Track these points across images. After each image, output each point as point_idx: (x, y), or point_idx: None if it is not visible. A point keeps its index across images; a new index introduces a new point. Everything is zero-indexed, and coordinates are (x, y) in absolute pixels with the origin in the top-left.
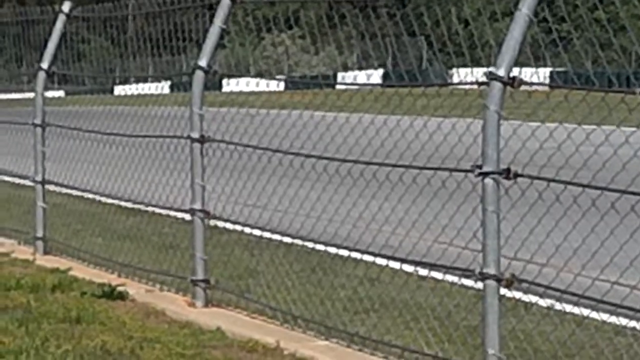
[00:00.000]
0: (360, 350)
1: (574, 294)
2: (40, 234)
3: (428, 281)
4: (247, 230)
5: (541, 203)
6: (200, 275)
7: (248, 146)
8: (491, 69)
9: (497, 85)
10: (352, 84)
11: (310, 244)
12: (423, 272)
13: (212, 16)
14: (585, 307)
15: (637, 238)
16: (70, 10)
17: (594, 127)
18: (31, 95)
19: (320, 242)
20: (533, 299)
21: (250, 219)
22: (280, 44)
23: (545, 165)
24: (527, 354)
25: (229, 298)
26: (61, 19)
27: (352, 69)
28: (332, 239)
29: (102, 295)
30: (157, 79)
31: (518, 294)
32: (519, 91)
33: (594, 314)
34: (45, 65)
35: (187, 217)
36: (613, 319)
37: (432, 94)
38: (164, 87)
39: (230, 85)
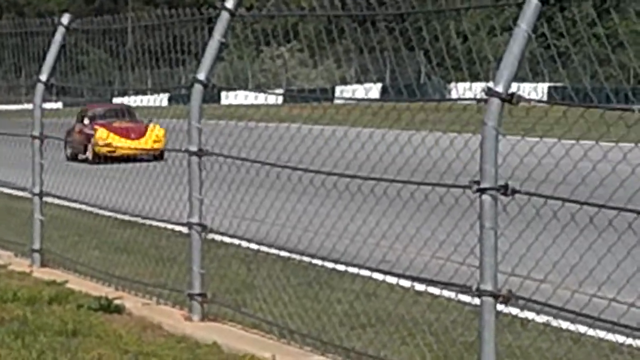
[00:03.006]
0: None
1: (571, 311)
2: (37, 246)
3: (425, 297)
4: (245, 244)
5: (539, 219)
6: (197, 289)
7: (246, 160)
8: (489, 84)
9: (496, 101)
10: (350, 98)
11: (307, 259)
12: (420, 287)
13: (210, 29)
14: (582, 324)
15: (634, 255)
16: (70, 22)
17: (592, 143)
18: (29, 106)
19: (317, 257)
20: (530, 315)
21: (247, 233)
22: (278, 57)
23: (543, 182)
24: None
25: (226, 312)
26: (60, 31)
27: (350, 82)
28: (329, 253)
29: (99, 308)
30: (155, 91)
31: (515, 310)
32: (518, 107)
33: (591, 331)
34: (43, 77)
35: (185, 230)
36: (610, 337)
37: (431, 108)
38: (162, 99)
39: (229, 97)
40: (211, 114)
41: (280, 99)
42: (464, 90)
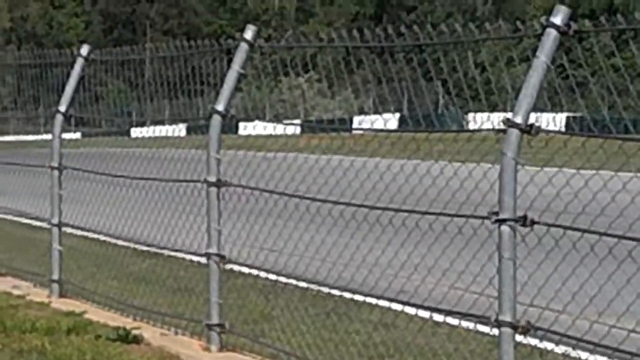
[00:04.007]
0: None
1: (590, 342)
2: (55, 276)
3: (443, 327)
4: (263, 274)
5: (558, 250)
6: (215, 320)
7: (264, 190)
8: (508, 115)
9: (515, 132)
10: (369, 129)
11: (325, 289)
12: (438, 318)
13: (229, 60)
14: (602, 354)
15: None
16: (89, 53)
17: (611, 174)
18: (48, 137)
19: (335, 287)
20: (549, 346)
21: (266, 264)
22: (297, 87)
23: (562, 212)
24: None
25: (244, 342)
26: (79, 62)
27: (368, 113)
28: (348, 284)
29: (117, 338)
30: (173, 122)
31: (534, 341)
32: (536, 137)
33: None
34: (62, 108)
35: (203, 260)
36: None
37: (449, 139)
38: (181, 129)
39: (247, 128)
40: (229, 144)
41: (298, 130)
42: (482, 120)
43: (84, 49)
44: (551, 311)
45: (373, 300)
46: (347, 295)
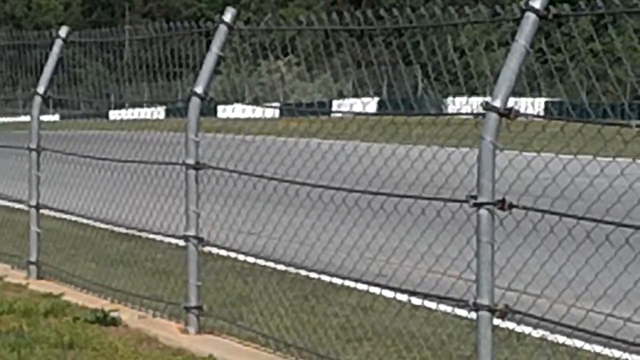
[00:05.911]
0: None
1: (567, 326)
2: (33, 258)
3: (421, 311)
4: (241, 257)
5: (535, 234)
6: (193, 302)
7: (243, 173)
8: (487, 99)
9: (493, 116)
10: (348, 112)
11: (303, 272)
12: (416, 301)
13: (208, 42)
14: (579, 338)
15: (631, 270)
16: (67, 35)
17: (589, 158)
18: (26, 118)
19: (313, 270)
20: (526, 329)
21: (244, 246)
22: (276, 70)
23: (540, 196)
24: None
25: (222, 325)
26: (58, 43)
27: (347, 96)
28: (326, 267)
29: (95, 320)
30: (152, 104)
31: (511, 325)
32: (515, 121)
33: (588, 346)
34: (41, 89)
35: (181, 242)
36: (607, 351)
37: (428, 123)
38: (159, 112)
39: (227, 111)
40: (208, 127)
41: (277, 113)
42: (461, 104)
43: (63, 31)
44: (529, 295)
45: (351, 284)
46: (325, 278)
